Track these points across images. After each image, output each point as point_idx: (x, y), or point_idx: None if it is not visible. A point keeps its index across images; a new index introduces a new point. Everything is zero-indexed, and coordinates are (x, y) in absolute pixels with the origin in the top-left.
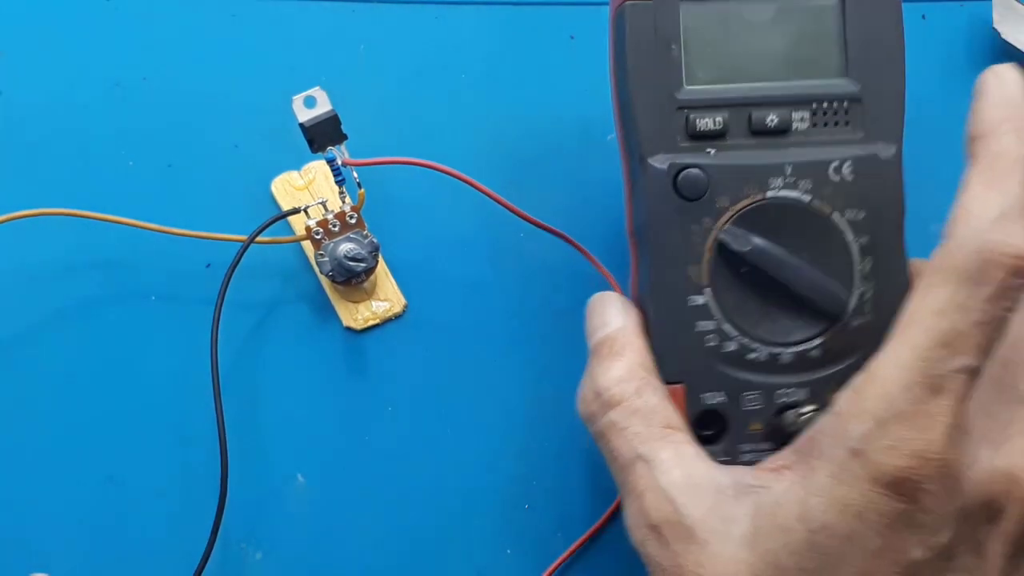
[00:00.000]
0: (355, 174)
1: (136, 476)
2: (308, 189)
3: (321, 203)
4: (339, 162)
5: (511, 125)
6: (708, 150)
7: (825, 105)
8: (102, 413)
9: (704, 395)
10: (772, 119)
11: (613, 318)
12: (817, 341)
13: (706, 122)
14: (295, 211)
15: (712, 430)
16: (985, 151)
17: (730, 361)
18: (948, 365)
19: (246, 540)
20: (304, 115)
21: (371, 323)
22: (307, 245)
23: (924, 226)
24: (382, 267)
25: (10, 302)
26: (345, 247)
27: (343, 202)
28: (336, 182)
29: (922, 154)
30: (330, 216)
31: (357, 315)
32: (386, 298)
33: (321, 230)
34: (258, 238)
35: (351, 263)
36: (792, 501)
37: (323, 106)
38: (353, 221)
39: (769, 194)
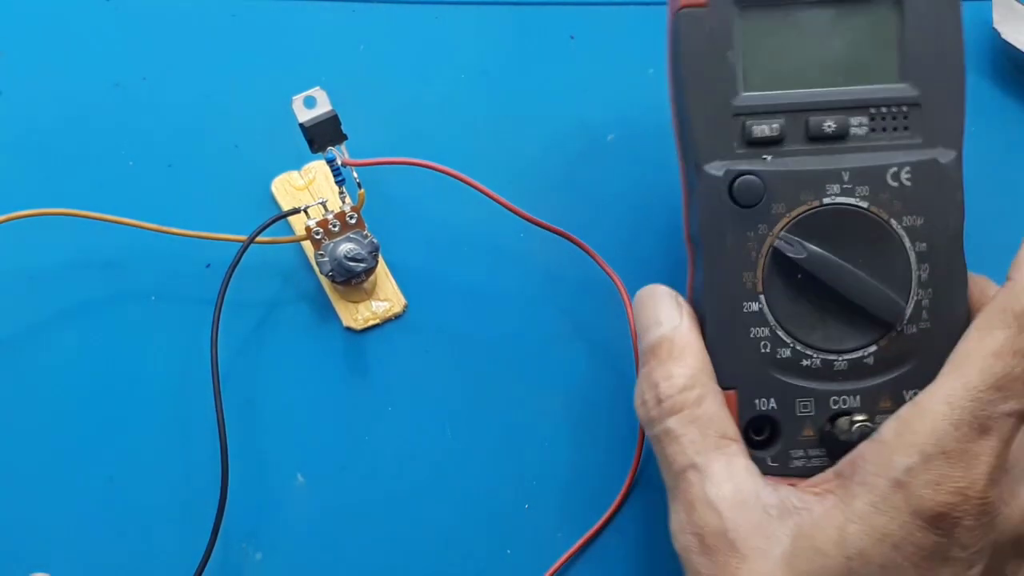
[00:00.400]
0: (355, 174)
1: (136, 476)
2: (308, 189)
3: (321, 203)
4: (339, 162)
5: (511, 125)
6: (764, 156)
7: (883, 110)
8: (102, 413)
9: (757, 400)
10: (830, 125)
11: (667, 315)
12: (872, 349)
13: (762, 128)
14: (295, 211)
15: (764, 435)
16: None
17: (784, 367)
18: (999, 408)
19: (246, 540)
20: (304, 115)
21: (371, 323)
22: (307, 245)
23: None
24: (382, 267)
25: (10, 302)
26: (345, 247)
27: (343, 202)
28: (336, 182)
29: None
30: (330, 216)
31: (357, 315)
32: (386, 298)
33: (321, 230)
34: (258, 238)
35: (351, 263)
36: (831, 526)
37: (323, 106)
38: (353, 221)
39: (826, 200)
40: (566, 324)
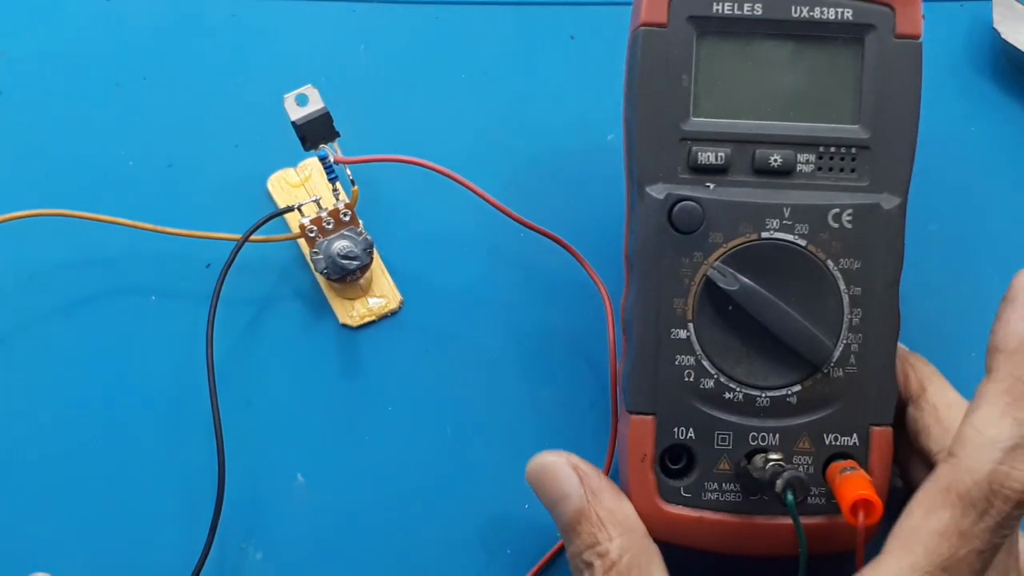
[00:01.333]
0: (348, 172)
1: (136, 476)
2: (304, 186)
3: (315, 201)
4: (331, 160)
5: (510, 125)
6: (707, 184)
7: (832, 150)
8: (103, 413)
9: (676, 429)
10: (776, 159)
11: (569, 486)
12: (796, 388)
13: (708, 156)
14: (288, 209)
15: (680, 464)
16: (1007, 370)
17: (706, 398)
18: None
19: (246, 540)
20: (296, 113)
21: (367, 320)
22: (303, 242)
23: (923, 226)
24: (378, 263)
25: (10, 302)
26: (339, 245)
27: (337, 199)
28: (329, 179)
29: (920, 155)
30: (324, 214)
31: (353, 312)
32: (382, 295)
33: (315, 228)
34: (252, 237)
35: (344, 261)
36: None
37: (315, 104)
38: (347, 218)
39: (764, 234)
40: (564, 323)
